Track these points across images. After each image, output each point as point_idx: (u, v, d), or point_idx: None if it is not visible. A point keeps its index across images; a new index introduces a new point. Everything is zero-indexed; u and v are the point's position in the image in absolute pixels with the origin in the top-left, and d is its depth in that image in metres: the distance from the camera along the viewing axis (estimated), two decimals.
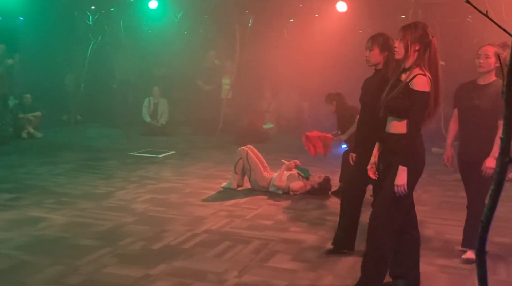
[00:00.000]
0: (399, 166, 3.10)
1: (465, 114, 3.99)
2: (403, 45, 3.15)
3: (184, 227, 4.62)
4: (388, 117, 3.23)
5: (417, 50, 3.12)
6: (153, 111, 11.18)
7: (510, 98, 1.16)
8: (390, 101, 3.16)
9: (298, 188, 5.95)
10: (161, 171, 7.16)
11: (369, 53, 3.80)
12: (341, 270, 3.73)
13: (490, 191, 1.19)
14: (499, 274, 3.71)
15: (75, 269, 3.60)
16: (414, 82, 3.08)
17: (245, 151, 6.19)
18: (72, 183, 6.30)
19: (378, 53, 3.78)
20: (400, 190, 3.10)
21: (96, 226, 4.60)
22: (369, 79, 3.97)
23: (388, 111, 3.20)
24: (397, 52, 3.19)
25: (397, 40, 3.19)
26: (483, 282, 1.27)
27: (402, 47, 3.15)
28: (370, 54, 3.80)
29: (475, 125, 3.87)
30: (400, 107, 3.12)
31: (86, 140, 9.88)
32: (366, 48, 3.82)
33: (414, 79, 3.09)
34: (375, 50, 3.78)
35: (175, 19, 10.95)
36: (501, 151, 1.18)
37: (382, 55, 3.78)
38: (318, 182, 5.99)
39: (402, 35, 3.16)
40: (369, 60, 3.83)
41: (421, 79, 3.07)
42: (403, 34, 3.16)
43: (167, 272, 3.58)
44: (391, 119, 3.21)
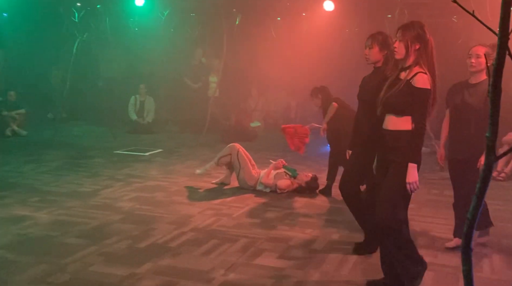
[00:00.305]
0: (408, 163, 3.13)
1: (457, 113, 4.07)
2: (403, 45, 3.21)
3: (171, 226, 4.60)
4: (387, 115, 3.28)
5: (417, 49, 3.20)
6: (139, 109, 11.12)
7: (495, 98, 1.17)
8: (390, 99, 3.22)
9: (285, 186, 5.96)
10: (147, 169, 7.12)
11: (369, 52, 3.85)
12: (328, 267, 3.74)
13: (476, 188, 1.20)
14: (484, 271, 3.76)
15: (60, 268, 3.57)
16: (415, 80, 3.15)
17: (236, 148, 6.18)
18: (57, 181, 6.25)
19: (377, 52, 3.84)
20: (413, 187, 3.15)
21: (81, 225, 4.57)
22: (367, 77, 4.00)
23: (388, 109, 3.25)
24: (398, 52, 3.25)
25: (396, 40, 3.25)
26: (468, 278, 1.28)
27: (402, 47, 3.22)
28: (370, 53, 3.85)
29: (467, 124, 3.96)
30: (400, 105, 3.18)
31: (72, 138, 9.79)
32: (366, 46, 3.86)
33: (416, 77, 3.16)
34: (374, 49, 3.83)
35: (162, 16, 10.88)
36: (487, 149, 1.19)
37: (382, 53, 3.83)
38: (305, 180, 6.00)
39: (401, 35, 3.22)
40: (369, 58, 3.87)
41: (422, 77, 3.15)
42: (402, 34, 3.22)
43: (154, 271, 3.57)
44: (390, 117, 3.26)
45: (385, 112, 3.29)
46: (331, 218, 5.05)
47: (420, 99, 3.14)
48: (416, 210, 5.35)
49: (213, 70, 11.19)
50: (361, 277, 3.57)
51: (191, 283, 3.39)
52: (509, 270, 3.79)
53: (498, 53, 1.14)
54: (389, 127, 3.26)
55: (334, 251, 4.07)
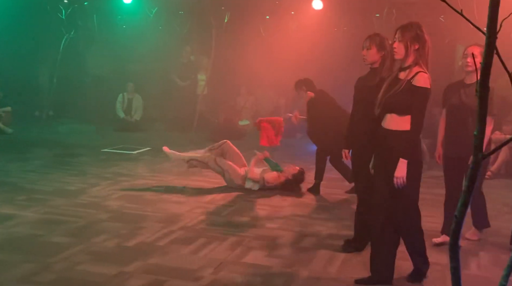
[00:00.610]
0: (399, 159, 3.20)
1: (454, 112, 4.16)
2: (403, 45, 3.28)
3: (159, 224, 4.58)
4: (387, 114, 3.33)
5: (417, 49, 3.27)
6: (127, 107, 11.06)
7: (483, 97, 1.18)
8: (391, 98, 3.27)
9: (272, 179, 5.95)
10: (135, 167, 7.09)
11: (367, 52, 3.91)
12: (317, 266, 3.75)
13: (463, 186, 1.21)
14: (471, 269, 3.79)
15: (47, 267, 3.54)
16: (416, 79, 3.21)
17: (212, 158, 6.03)
18: (44, 179, 6.19)
19: (375, 53, 3.90)
20: (399, 182, 3.23)
21: (68, 223, 4.53)
22: (363, 78, 4.07)
23: (390, 108, 3.29)
24: (397, 52, 3.31)
25: (396, 41, 3.30)
26: (455, 275, 1.29)
27: (402, 47, 3.29)
28: (367, 53, 3.91)
29: (463, 123, 4.06)
30: (402, 104, 3.24)
31: (58, 136, 9.71)
32: (363, 47, 3.93)
33: (416, 76, 3.22)
34: (372, 50, 3.89)
35: (150, 14, 10.83)
36: (474, 147, 1.20)
37: (379, 54, 3.90)
38: (292, 173, 5.99)
39: (400, 36, 3.29)
40: (367, 59, 3.93)
41: (423, 76, 3.21)
42: (401, 34, 3.29)
43: (142, 270, 3.55)
44: (391, 116, 3.30)
45: (386, 112, 3.33)
46: (319, 216, 5.07)
47: (420, 98, 3.20)
48: None
49: (201, 68, 11.16)
50: (350, 274, 3.59)
51: (180, 281, 3.38)
52: (495, 267, 3.83)
53: (486, 52, 1.15)
54: (391, 127, 3.30)
55: (323, 249, 4.08)
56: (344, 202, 5.62)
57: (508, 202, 5.76)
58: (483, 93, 1.17)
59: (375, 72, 3.93)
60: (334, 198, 5.79)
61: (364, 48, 3.92)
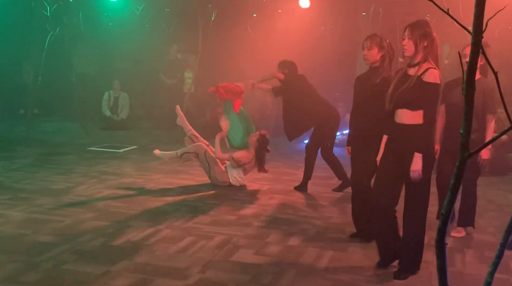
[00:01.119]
0: (415, 153, 3.33)
1: (455, 110, 4.32)
2: (413, 42, 3.38)
3: (146, 223, 4.56)
4: (398, 109, 3.44)
5: (425, 46, 3.37)
6: (113, 105, 10.97)
7: (469, 95, 1.20)
8: (403, 94, 3.37)
9: (243, 157, 5.94)
10: (122, 166, 7.04)
11: (368, 53, 4.08)
12: (304, 263, 3.76)
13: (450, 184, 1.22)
14: (456, 265, 3.83)
15: (33, 266, 3.51)
16: (427, 75, 3.32)
17: (203, 148, 6.07)
18: (29, 178, 6.13)
19: (376, 53, 4.07)
20: (415, 175, 3.35)
21: (54, 222, 4.49)
22: (363, 77, 4.24)
23: (402, 104, 3.40)
24: (407, 49, 3.41)
25: (405, 39, 3.40)
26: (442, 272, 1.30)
27: (411, 44, 3.38)
28: (368, 53, 4.08)
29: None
30: (413, 100, 3.34)
31: (44, 134, 9.62)
32: (364, 47, 4.09)
33: (427, 72, 3.33)
34: (373, 50, 4.06)
35: (136, 11, 10.76)
36: (461, 145, 1.21)
37: (380, 54, 4.07)
38: (256, 140, 6.01)
39: (410, 34, 3.39)
40: (368, 58, 4.10)
41: (433, 72, 3.33)
42: (411, 32, 3.38)
43: (129, 269, 3.53)
44: (403, 111, 3.41)
45: (397, 108, 3.44)
46: (307, 214, 5.08)
47: (431, 94, 3.31)
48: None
49: (188, 66, 11.12)
50: (337, 272, 3.61)
51: (167, 280, 3.36)
52: (480, 264, 3.88)
53: (472, 51, 1.16)
54: (403, 121, 3.42)
55: (310, 247, 4.10)
56: (331, 200, 5.64)
57: (493, 199, 5.83)
58: (469, 92, 1.19)
59: (375, 71, 4.09)
60: (321, 196, 5.81)
61: (365, 49, 4.08)
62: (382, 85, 3.85)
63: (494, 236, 4.54)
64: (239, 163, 5.94)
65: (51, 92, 11.36)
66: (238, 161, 5.92)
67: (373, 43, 4.06)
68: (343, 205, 5.44)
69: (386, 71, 4.04)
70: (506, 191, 6.27)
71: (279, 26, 10.69)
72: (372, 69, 4.14)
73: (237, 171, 6.00)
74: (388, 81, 3.78)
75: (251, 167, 6.05)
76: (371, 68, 4.14)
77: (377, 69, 4.08)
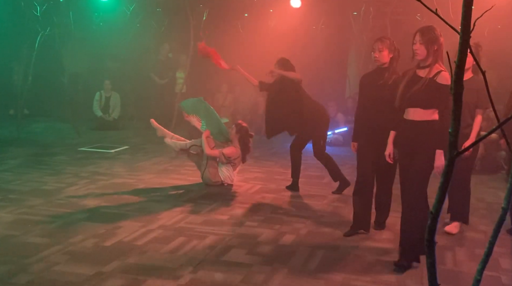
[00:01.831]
0: (436, 150, 3.64)
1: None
2: (424, 47, 3.66)
3: (138, 223, 4.55)
4: (409, 108, 3.73)
5: (435, 50, 3.65)
6: (104, 105, 10.93)
7: (457, 94, 1.20)
8: (417, 94, 3.66)
9: (232, 153, 5.97)
10: (113, 166, 7.02)
11: (379, 54, 4.34)
12: (296, 263, 3.77)
13: (439, 183, 1.23)
14: (446, 263, 3.86)
15: (23, 268, 3.48)
16: (441, 77, 3.63)
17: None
18: (19, 179, 6.08)
19: (386, 54, 4.34)
20: (439, 171, 3.63)
21: (45, 223, 4.46)
22: (370, 76, 4.50)
23: (414, 103, 3.69)
24: (419, 53, 3.69)
25: (416, 43, 3.68)
26: (432, 271, 1.31)
27: (423, 48, 3.67)
28: (380, 55, 4.34)
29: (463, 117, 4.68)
30: (426, 99, 3.63)
31: (34, 135, 9.56)
32: (375, 49, 4.35)
33: (440, 74, 3.64)
34: (384, 52, 4.33)
35: (127, 11, 10.72)
36: (449, 144, 1.22)
37: (389, 55, 4.35)
38: (234, 132, 6.04)
39: (421, 38, 3.67)
40: (379, 60, 4.35)
41: (446, 74, 3.64)
42: (421, 37, 3.66)
43: (120, 269, 3.52)
44: (415, 110, 3.71)
45: (410, 106, 3.73)
46: (298, 213, 5.09)
47: (445, 94, 3.60)
48: None
49: (180, 66, 11.10)
50: (329, 271, 3.62)
51: (159, 281, 3.36)
52: (471, 262, 3.90)
53: (460, 51, 1.17)
54: (415, 118, 3.71)
55: (302, 246, 4.10)
56: (323, 200, 5.65)
57: (483, 198, 5.87)
58: (457, 91, 1.19)
59: (383, 71, 4.36)
60: (313, 195, 5.82)
61: (376, 51, 4.34)
62: (394, 85, 4.09)
63: (484, 234, 4.57)
64: (229, 159, 5.96)
65: (42, 93, 11.31)
66: (228, 156, 5.94)
67: (384, 45, 4.32)
68: (335, 204, 5.46)
69: (396, 72, 4.31)
70: (496, 189, 6.32)
71: (271, 25, 10.71)
72: (381, 69, 4.37)
73: (226, 167, 6.01)
74: (397, 81, 4.04)
75: (239, 161, 6.07)
76: (380, 69, 4.38)
77: (387, 70, 4.34)
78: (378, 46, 4.32)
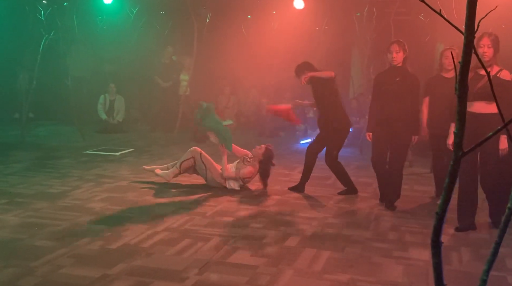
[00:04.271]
0: (501, 135, 4.39)
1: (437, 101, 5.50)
2: (493, 50, 4.37)
3: (143, 226, 4.56)
4: (474, 102, 4.32)
5: (497, 51, 4.41)
6: (109, 108, 10.96)
7: (462, 94, 1.20)
8: (484, 90, 4.23)
9: (248, 172, 5.95)
10: (118, 169, 7.03)
11: (396, 55, 5.08)
12: (302, 264, 3.77)
13: (445, 183, 1.23)
14: (452, 264, 3.85)
15: (30, 271, 3.50)
16: (503, 74, 4.38)
17: (198, 151, 6.09)
18: (25, 182, 6.11)
19: (402, 55, 5.10)
20: (504, 153, 4.45)
21: (51, 226, 4.48)
22: (386, 74, 5.22)
23: (481, 97, 4.28)
24: (488, 55, 4.34)
25: (485, 46, 4.32)
26: (438, 271, 1.31)
27: (492, 51, 4.37)
28: (397, 56, 5.09)
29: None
30: (490, 95, 4.06)
31: (39, 138, 9.60)
32: (392, 51, 5.07)
33: (502, 72, 4.40)
34: (401, 53, 5.08)
35: (131, 14, 10.75)
36: (454, 145, 1.22)
37: (404, 56, 5.10)
38: (261, 153, 6.00)
39: (490, 43, 4.35)
40: (396, 60, 5.10)
41: (506, 72, 4.39)
42: (491, 41, 4.35)
43: (126, 272, 3.53)
44: (479, 103, 4.33)
45: (474, 100, 4.31)
46: (303, 214, 5.09)
47: (508, 88, 4.26)
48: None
49: (183, 69, 11.12)
50: (335, 272, 3.61)
51: (165, 283, 3.36)
52: (476, 262, 3.89)
53: (464, 51, 1.17)
54: (481, 111, 4.31)
55: (307, 247, 4.10)
56: (328, 201, 5.65)
57: None
58: (462, 91, 1.19)
59: (398, 70, 5.11)
60: (318, 196, 5.82)
61: (393, 52, 5.06)
62: (411, 81, 5.06)
63: (489, 234, 4.56)
64: (244, 180, 5.97)
65: (46, 96, 11.35)
66: (244, 178, 5.95)
67: (401, 47, 5.07)
68: (340, 205, 5.45)
69: (407, 70, 5.11)
70: None
71: (274, 27, 10.71)
72: (395, 68, 5.12)
73: (235, 182, 6.01)
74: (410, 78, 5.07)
75: (251, 180, 6.05)
76: (394, 68, 5.12)
77: (402, 69, 5.10)
78: (395, 48, 5.06)
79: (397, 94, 5.07)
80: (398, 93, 5.07)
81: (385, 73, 5.28)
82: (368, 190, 6.12)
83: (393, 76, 5.11)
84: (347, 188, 5.90)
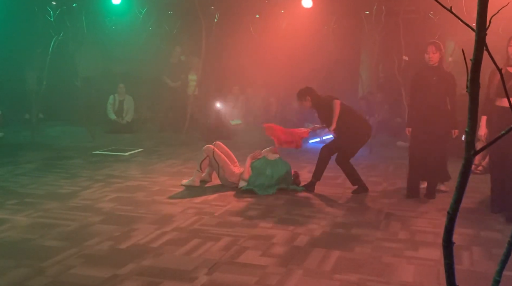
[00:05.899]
0: None
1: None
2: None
3: (153, 226, 4.57)
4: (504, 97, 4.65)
5: None
6: (118, 108, 11.01)
7: (474, 93, 1.19)
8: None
9: None
10: (127, 169, 7.06)
11: (433, 55, 5.36)
12: (311, 264, 3.75)
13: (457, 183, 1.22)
14: (463, 264, 3.81)
15: (40, 271, 3.52)
16: None
17: (210, 149, 6.11)
18: (35, 183, 6.15)
19: (438, 55, 5.38)
20: None
21: (61, 227, 4.50)
22: (424, 73, 5.48)
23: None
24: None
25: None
26: (450, 272, 1.29)
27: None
28: (434, 56, 5.37)
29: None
30: None
31: (49, 139, 9.65)
32: (429, 52, 5.35)
33: None
34: (437, 53, 5.37)
35: (139, 14, 10.78)
36: (466, 144, 1.20)
37: (439, 56, 5.40)
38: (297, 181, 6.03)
39: None
40: (433, 60, 5.38)
41: None
42: None
43: (136, 272, 3.53)
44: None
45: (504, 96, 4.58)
46: (313, 214, 5.07)
47: None
48: (397, 205, 5.42)
49: (192, 68, 11.13)
50: (345, 272, 3.59)
51: (174, 283, 3.36)
52: (488, 261, 3.86)
53: (476, 48, 1.15)
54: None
55: (317, 247, 4.09)
56: (337, 200, 5.63)
57: None
58: (473, 89, 1.18)
59: (435, 69, 5.40)
60: (327, 196, 5.80)
61: (430, 53, 5.35)
62: (447, 80, 5.37)
63: (501, 233, 4.52)
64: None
65: (56, 97, 11.41)
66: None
67: (437, 48, 5.36)
68: (349, 205, 5.43)
69: (443, 69, 5.47)
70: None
71: (282, 26, 10.69)
72: (432, 67, 5.40)
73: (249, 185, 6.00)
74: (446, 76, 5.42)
75: None
76: (431, 67, 5.40)
77: (438, 68, 5.40)
78: (432, 49, 5.34)
79: (434, 93, 5.34)
80: (435, 92, 5.34)
81: (422, 73, 5.52)
82: (378, 188, 6.09)
83: (430, 75, 5.40)
84: (357, 187, 5.88)
